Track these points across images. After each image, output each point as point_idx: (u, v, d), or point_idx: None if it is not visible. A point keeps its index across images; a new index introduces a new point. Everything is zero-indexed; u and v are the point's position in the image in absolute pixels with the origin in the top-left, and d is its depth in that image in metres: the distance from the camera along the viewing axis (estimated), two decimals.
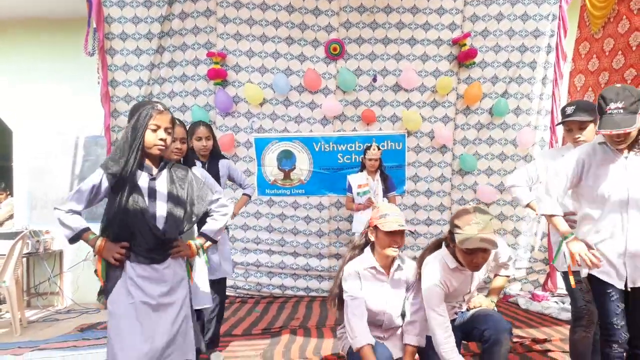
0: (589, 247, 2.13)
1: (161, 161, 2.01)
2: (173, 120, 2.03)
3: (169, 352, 1.91)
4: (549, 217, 2.23)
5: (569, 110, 2.58)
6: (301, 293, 5.51)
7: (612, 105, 2.01)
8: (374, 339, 2.34)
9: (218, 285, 3.25)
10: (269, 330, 4.11)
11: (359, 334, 2.29)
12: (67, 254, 5.47)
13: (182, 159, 2.61)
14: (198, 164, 3.02)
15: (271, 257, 5.52)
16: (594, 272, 2.13)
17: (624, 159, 2.13)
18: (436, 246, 2.48)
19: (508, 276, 2.71)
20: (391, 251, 2.37)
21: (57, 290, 5.44)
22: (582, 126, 2.54)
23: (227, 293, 5.30)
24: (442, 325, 2.25)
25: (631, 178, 2.10)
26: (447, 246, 2.38)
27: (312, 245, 5.49)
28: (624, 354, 2.11)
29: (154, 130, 1.92)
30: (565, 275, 2.64)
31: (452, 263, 2.34)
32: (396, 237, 2.36)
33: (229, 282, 5.32)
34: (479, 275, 2.48)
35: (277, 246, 5.51)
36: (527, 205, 2.78)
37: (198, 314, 2.50)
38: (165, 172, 2.00)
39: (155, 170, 1.97)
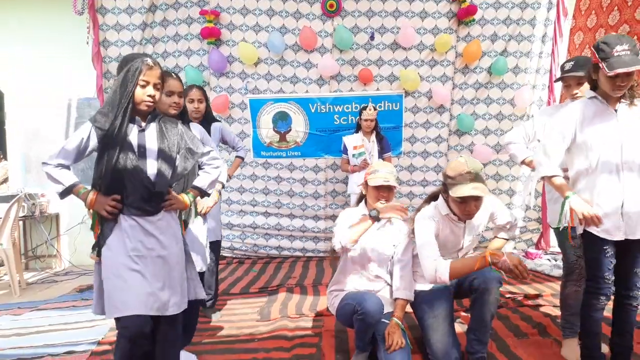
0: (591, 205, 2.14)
1: (149, 114, 1.98)
2: (162, 76, 1.98)
3: (169, 300, 1.92)
4: (549, 179, 2.22)
5: (568, 65, 2.59)
6: (298, 254, 5.56)
7: (619, 48, 2.01)
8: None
9: (213, 247, 3.25)
10: (266, 289, 4.16)
11: (343, 235, 2.42)
12: (63, 217, 5.48)
13: (180, 115, 2.56)
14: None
15: (267, 219, 5.55)
16: (592, 230, 2.13)
17: (614, 112, 2.14)
18: (432, 198, 2.57)
19: (506, 239, 2.74)
20: (379, 205, 2.54)
21: (55, 252, 5.47)
22: (580, 81, 2.54)
23: (224, 254, 5.40)
24: (430, 250, 2.30)
25: (623, 132, 2.11)
26: (444, 198, 2.46)
27: (308, 207, 5.51)
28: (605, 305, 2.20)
29: (143, 87, 1.88)
30: (557, 231, 2.68)
31: (444, 210, 2.43)
32: (383, 191, 2.54)
33: (226, 244, 5.41)
34: (472, 231, 2.51)
35: (273, 208, 5.52)
36: (523, 162, 2.77)
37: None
38: (154, 124, 1.98)
39: (144, 123, 1.95)
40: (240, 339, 2.96)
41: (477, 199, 2.29)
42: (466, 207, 2.29)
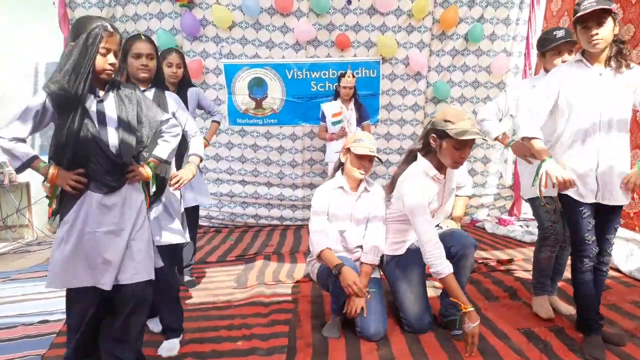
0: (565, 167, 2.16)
1: (107, 83, 1.89)
2: (121, 41, 1.89)
3: (124, 270, 1.90)
4: (529, 140, 2.21)
5: (560, 33, 2.55)
6: (275, 222, 5.57)
7: (586, 2, 2.05)
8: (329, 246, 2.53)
9: (190, 213, 3.22)
10: (243, 257, 4.17)
11: (318, 243, 2.49)
12: (33, 186, 5.33)
13: (155, 80, 2.46)
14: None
15: (244, 187, 5.52)
16: (568, 192, 2.17)
17: (598, 75, 2.14)
18: (410, 159, 2.54)
19: (468, 196, 2.81)
20: (358, 173, 2.54)
21: (27, 222, 5.35)
22: (571, 49, 2.55)
23: (201, 223, 5.36)
24: (430, 232, 2.29)
25: (604, 96, 2.11)
26: (425, 154, 2.44)
27: (285, 175, 5.49)
28: (592, 267, 2.23)
29: (104, 55, 1.78)
30: (530, 201, 2.73)
31: (431, 171, 2.40)
32: (364, 161, 2.53)
33: (202, 213, 5.37)
34: (449, 189, 2.53)
35: (250, 177, 5.49)
36: (496, 139, 2.77)
37: (175, 250, 2.48)
38: (112, 94, 1.89)
39: (102, 93, 1.86)
40: (217, 305, 2.97)
41: (470, 146, 2.30)
42: (461, 154, 2.27)
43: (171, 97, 2.56)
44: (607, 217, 2.24)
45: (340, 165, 2.70)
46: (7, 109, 5.01)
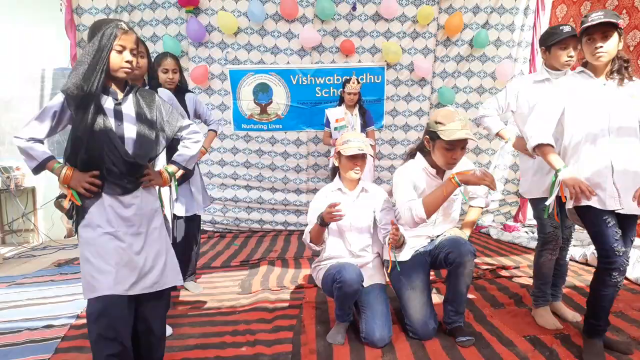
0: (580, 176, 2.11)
1: (126, 85, 1.88)
2: (138, 41, 1.89)
3: (150, 279, 1.87)
4: (540, 148, 2.17)
5: (567, 28, 2.53)
6: (279, 227, 5.57)
7: (593, 15, 2.07)
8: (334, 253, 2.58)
9: (192, 220, 3.22)
10: (247, 262, 4.16)
11: (307, 234, 2.52)
12: (39, 191, 5.37)
13: (148, 79, 2.47)
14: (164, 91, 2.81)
15: (249, 192, 5.52)
16: (587, 202, 2.08)
17: (602, 85, 2.14)
18: (410, 157, 2.60)
19: (481, 207, 2.79)
20: (353, 174, 2.54)
21: (32, 227, 5.38)
22: (577, 44, 2.48)
23: (205, 228, 5.37)
24: (404, 196, 2.36)
25: (611, 104, 2.10)
26: (423, 154, 2.50)
27: (290, 180, 5.49)
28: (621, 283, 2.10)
29: (120, 52, 1.77)
30: (533, 202, 2.70)
31: (423, 163, 2.48)
32: (357, 160, 2.52)
33: (207, 217, 5.38)
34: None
35: (255, 182, 5.50)
36: (497, 134, 2.78)
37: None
38: (131, 96, 1.88)
39: (120, 95, 1.85)
40: (221, 311, 2.96)
41: (463, 147, 2.34)
42: (452, 155, 2.32)
43: (163, 94, 2.54)
44: (622, 228, 2.13)
45: (335, 170, 2.70)
46: (13, 115, 5.14)
